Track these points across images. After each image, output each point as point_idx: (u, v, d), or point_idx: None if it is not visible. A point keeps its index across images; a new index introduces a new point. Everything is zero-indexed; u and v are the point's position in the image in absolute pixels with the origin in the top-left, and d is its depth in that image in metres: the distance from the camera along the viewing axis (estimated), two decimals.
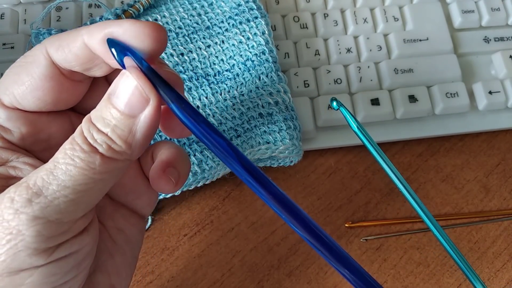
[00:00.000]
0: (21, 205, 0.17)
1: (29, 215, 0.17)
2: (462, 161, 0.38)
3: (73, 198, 0.18)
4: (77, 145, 0.18)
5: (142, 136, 0.19)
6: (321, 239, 0.19)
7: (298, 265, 0.34)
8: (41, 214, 0.17)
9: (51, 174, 0.18)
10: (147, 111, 0.19)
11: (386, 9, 0.40)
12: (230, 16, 0.36)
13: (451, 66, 0.39)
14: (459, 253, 0.25)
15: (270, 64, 0.34)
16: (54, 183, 0.18)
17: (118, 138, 0.19)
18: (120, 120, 0.19)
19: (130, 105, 0.19)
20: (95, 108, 0.19)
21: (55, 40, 0.20)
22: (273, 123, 0.33)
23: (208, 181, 0.34)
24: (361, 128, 0.25)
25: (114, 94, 0.19)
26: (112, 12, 0.35)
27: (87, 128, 0.19)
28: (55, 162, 0.18)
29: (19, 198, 0.17)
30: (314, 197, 0.36)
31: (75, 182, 0.18)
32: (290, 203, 0.19)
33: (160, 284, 0.33)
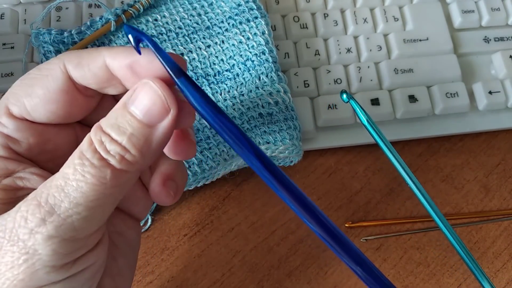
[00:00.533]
0: (36, 225, 0.17)
1: (44, 235, 0.17)
2: (462, 161, 0.38)
3: (86, 215, 0.18)
4: (87, 160, 0.18)
5: (157, 147, 0.19)
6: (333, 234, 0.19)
7: (298, 265, 0.34)
8: (56, 233, 0.17)
9: (62, 191, 0.18)
10: (166, 122, 0.19)
11: (386, 9, 0.40)
12: (230, 16, 0.36)
13: (451, 66, 0.39)
14: (468, 252, 0.24)
15: (270, 64, 0.34)
16: (66, 200, 0.18)
17: (133, 147, 0.18)
18: (137, 128, 0.18)
19: (150, 115, 0.19)
20: (107, 117, 0.19)
21: (75, 57, 0.21)
22: (273, 123, 0.33)
23: (208, 181, 0.34)
24: (371, 122, 0.25)
25: (133, 103, 0.19)
26: (112, 12, 0.35)
27: (98, 138, 0.18)
28: (65, 178, 0.18)
29: (32, 217, 0.17)
30: (314, 197, 0.36)
31: (87, 199, 0.18)
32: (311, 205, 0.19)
33: (160, 284, 0.33)
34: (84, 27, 0.35)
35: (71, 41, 0.35)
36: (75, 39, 0.35)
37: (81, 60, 0.21)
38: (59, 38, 0.35)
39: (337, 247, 0.19)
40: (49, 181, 0.18)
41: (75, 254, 0.19)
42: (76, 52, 0.21)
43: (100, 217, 0.19)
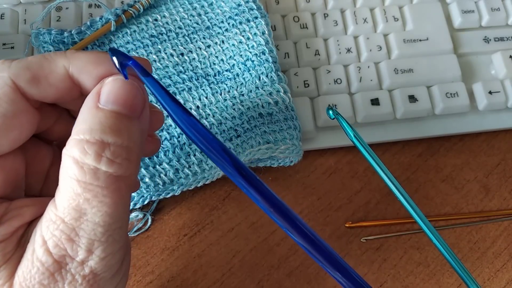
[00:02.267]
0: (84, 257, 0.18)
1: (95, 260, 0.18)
2: (462, 161, 0.38)
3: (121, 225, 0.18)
4: (96, 187, 0.17)
5: (145, 136, 0.19)
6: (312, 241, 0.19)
7: (298, 265, 0.34)
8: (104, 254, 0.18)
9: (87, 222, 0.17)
10: (147, 109, 0.19)
11: (386, 9, 0.40)
12: (230, 16, 0.36)
13: (451, 66, 0.39)
14: (454, 255, 0.25)
15: (270, 64, 0.34)
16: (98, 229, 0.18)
17: (135, 144, 0.18)
18: (130, 124, 0.18)
19: (135, 108, 0.18)
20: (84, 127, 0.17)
21: (23, 72, 0.18)
22: (273, 123, 0.33)
23: (208, 181, 0.34)
24: (358, 137, 0.25)
25: (112, 102, 0.18)
26: (112, 12, 0.35)
27: (94, 152, 0.17)
28: (81, 211, 0.17)
29: (73, 252, 0.18)
30: (314, 197, 0.36)
31: (114, 215, 0.18)
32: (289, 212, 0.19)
33: (160, 284, 0.33)
34: (84, 27, 0.35)
35: (71, 41, 0.35)
36: (75, 39, 0.35)
37: (34, 75, 0.18)
38: (59, 38, 0.35)
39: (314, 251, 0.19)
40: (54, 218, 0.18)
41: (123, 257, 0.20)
42: (21, 65, 0.18)
43: (127, 215, 0.19)
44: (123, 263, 0.20)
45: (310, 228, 0.19)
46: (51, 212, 0.18)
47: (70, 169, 0.17)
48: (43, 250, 0.18)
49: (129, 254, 0.21)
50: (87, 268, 0.18)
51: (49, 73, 0.18)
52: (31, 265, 0.18)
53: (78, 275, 0.18)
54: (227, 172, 0.19)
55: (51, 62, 0.18)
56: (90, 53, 0.19)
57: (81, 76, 0.19)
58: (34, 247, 0.18)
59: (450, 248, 0.25)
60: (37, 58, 0.19)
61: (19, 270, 0.18)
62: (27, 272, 0.18)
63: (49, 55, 0.19)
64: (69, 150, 0.17)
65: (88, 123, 0.17)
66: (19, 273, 0.18)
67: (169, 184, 0.32)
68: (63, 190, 0.17)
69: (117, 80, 0.18)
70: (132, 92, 0.18)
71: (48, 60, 0.18)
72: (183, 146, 0.33)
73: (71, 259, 0.18)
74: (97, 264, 0.18)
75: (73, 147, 0.17)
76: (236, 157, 0.19)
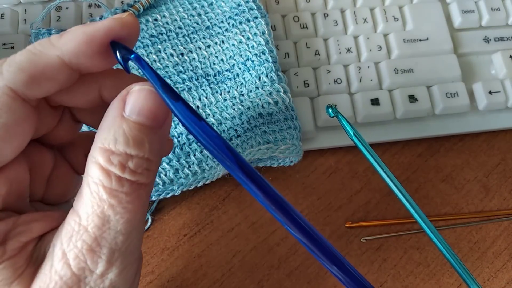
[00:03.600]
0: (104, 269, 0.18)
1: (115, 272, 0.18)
2: (462, 161, 0.38)
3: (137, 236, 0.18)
4: (120, 193, 0.17)
5: (165, 143, 0.19)
6: (315, 240, 0.19)
7: (298, 265, 0.34)
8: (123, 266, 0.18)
9: (109, 230, 0.17)
10: (169, 118, 0.19)
11: (386, 9, 0.40)
12: (230, 16, 0.36)
13: (451, 66, 0.39)
14: (455, 255, 0.25)
15: (270, 64, 0.34)
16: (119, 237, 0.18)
17: (155, 155, 0.18)
18: (151, 136, 0.18)
19: (158, 118, 0.18)
20: (108, 135, 0.17)
21: (18, 74, 0.17)
22: (273, 123, 0.33)
23: (208, 181, 0.34)
24: (358, 135, 0.25)
25: (135, 111, 0.18)
26: (112, 12, 0.35)
27: (117, 162, 0.17)
28: (105, 219, 0.17)
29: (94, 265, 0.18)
30: (314, 197, 0.36)
31: (134, 224, 0.18)
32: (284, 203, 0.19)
33: (160, 284, 0.33)
34: None
35: None
36: None
37: (30, 74, 0.18)
38: None
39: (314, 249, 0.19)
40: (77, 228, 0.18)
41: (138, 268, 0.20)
42: (12, 68, 0.18)
43: (143, 224, 0.19)
44: (136, 275, 0.20)
45: (311, 224, 0.19)
46: (73, 222, 0.18)
47: (95, 175, 0.17)
48: (62, 264, 0.17)
49: (140, 268, 0.21)
50: (106, 281, 0.18)
51: (44, 68, 0.18)
52: (48, 280, 0.17)
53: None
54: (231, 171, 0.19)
55: (41, 57, 0.18)
56: (76, 32, 0.18)
57: (79, 60, 0.18)
58: (52, 262, 0.18)
59: (450, 248, 0.25)
60: (25, 55, 0.18)
61: (35, 285, 0.18)
62: (44, 286, 0.17)
63: (35, 48, 0.18)
64: (95, 156, 0.17)
65: (113, 133, 0.17)
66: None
67: (169, 184, 0.32)
68: (87, 196, 0.17)
69: (143, 90, 0.18)
70: (157, 104, 0.18)
71: (37, 55, 0.18)
72: (183, 146, 0.33)
73: (91, 272, 0.17)
74: (117, 276, 0.18)
75: (99, 155, 0.17)
76: (238, 153, 0.19)
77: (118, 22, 0.18)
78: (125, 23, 0.18)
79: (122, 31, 0.18)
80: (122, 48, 0.18)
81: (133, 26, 0.19)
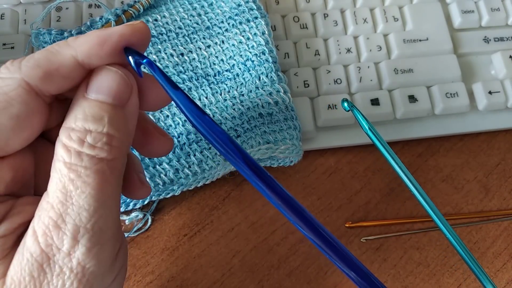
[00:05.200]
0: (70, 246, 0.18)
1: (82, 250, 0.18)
2: (462, 161, 0.38)
3: (104, 213, 0.18)
4: (78, 166, 0.18)
5: (132, 125, 0.20)
6: (325, 238, 0.19)
7: (298, 265, 0.34)
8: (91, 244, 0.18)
9: (73, 206, 0.18)
10: (134, 97, 0.19)
11: (386, 9, 0.40)
12: (230, 16, 0.36)
13: (451, 66, 0.39)
14: (469, 253, 0.24)
15: (270, 64, 0.34)
16: (83, 213, 0.18)
17: (116, 131, 0.18)
18: (112, 112, 0.19)
19: (119, 96, 0.19)
20: (71, 116, 0.18)
21: (34, 70, 0.18)
22: (273, 123, 0.33)
23: (208, 181, 0.34)
24: (373, 130, 0.25)
25: (96, 90, 0.19)
26: (112, 12, 0.35)
27: (76, 138, 0.18)
28: (66, 193, 0.18)
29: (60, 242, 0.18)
30: (314, 197, 0.36)
31: (99, 199, 0.18)
32: (293, 201, 0.19)
33: (160, 284, 0.33)
34: (84, 27, 0.35)
35: None
36: None
37: (46, 71, 0.19)
38: (59, 38, 0.35)
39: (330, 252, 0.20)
40: (45, 206, 0.18)
41: (115, 252, 0.19)
42: (30, 64, 0.19)
43: (115, 206, 0.19)
44: (116, 259, 0.20)
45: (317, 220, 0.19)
46: (44, 200, 0.18)
47: (58, 153, 0.18)
48: (32, 240, 0.18)
49: (124, 253, 0.21)
50: (74, 260, 0.18)
51: (59, 66, 0.19)
52: (21, 257, 0.18)
53: (65, 267, 0.18)
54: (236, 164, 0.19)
55: (58, 55, 0.19)
56: (91, 35, 0.19)
57: (91, 61, 0.19)
58: (25, 239, 0.18)
59: (467, 248, 0.24)
60: (43, 53, 0.19)
61: (12, 264, 0.18)
62: (17, 264, 0.18)
63: (52, 47, 0.19)
64: (59, 136, 0.19)
65: (74, 112, 0.18)
66: (10, 268, 0.18)
67: (169, 184, 0.32)
68: (53, 174, 0.18)
69: (102, 69, 0.19)
70: (116, 81, 0.19)
71: (54, 53, 0.19)
72: (183, 146, 0.33)
73: (58, 249, 0.18)
74: (84, 255, 0.18)
75: (61, 134, 0.18)
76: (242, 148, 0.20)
77: (130, 28, 0.19)
78: (137, 29, 0.20)
79: (133, 37, 0.19)
80: (135, 53, 0.19)
81: (144, 32, 0.20)
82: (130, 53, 0.19)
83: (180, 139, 0.33)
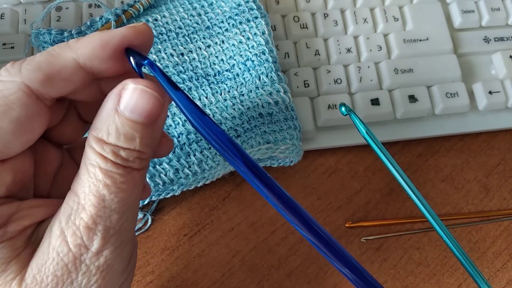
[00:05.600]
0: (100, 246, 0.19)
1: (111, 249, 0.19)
2: (462, 161, 0.38)
3: (130, 216, 0.19)
4: (115, 174, 0.18)
5: (158, 137, 0.20)
6: (320, 236, 0.20)
7: (298, 265, 0.34)
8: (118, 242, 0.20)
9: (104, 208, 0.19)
10: (163, 115, 0.20)
11: (386, 9, 0.40)
12: (230, 16, 0.36)
13: (451, 66, 0.39)
14: (463, 252, 0.24)
15: (270, 64, 0.34)
16: (114, 215, 0.19)
17: (146, 148, 0.19)
18: (144, 132, 0.19)
19: (150, 116, 0.19)
20: (103, 127, 0.19)
21: (34, 74, 0.18)
22: (273, 123, 0.33)
23: (208, 181, 0.34)
24: (370, 134, 0.25)
25: (129, 108, 0.19)
26: (112, 12, 0.35)
27: (111, 151, 0.18)
28: (100, 197, 0.18)
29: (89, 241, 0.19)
30: (314, 197, 0.36)
31: (127, 202, 0.19)
32: (292, 202, 0.20)
33: (160, 284, 0.33)
34: (84, 27, 0.35)
35: None
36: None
37: (46, 74, 0.19)
38: (59, 38, 0.35)
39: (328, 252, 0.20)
40: (75, 207, 0.19)
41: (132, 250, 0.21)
42: (30, 67, 0.19)
43: (137, 206, 0.21)
44: (131, 259, 0.21)
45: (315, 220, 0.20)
46: (72, 202, 0.19)
47: (93, 158, 0.19)
48: (60, 241, 0.18)
49: (135, 252, 0.22)
50: (102, 258, 0.19)
51: (60, 69, 0.19)
52: (46, 257, 0.18)
53: (92, 265, 0.19)
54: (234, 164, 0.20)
55: (59, 58, 0.19)
56: (92, 37, 0.19)
57: (93, 63, 0.19)
58: (50, 239, 0.19)
59: (461, 247, 0.25)
60: (44, 56, 0.19)
61: (33, 263, 0.19)
62: (41, 264, 0.18)
63: (53, 50, 0.19)
64: (90, 142, 0.19)
65: (106, 126, 0.19)
66: (32, 266, 0.18)
67: (169, 184, 0.32)
68: (84, 177, 0.19)
69: (137, 88, 0.19)
70: (151, 103, 0.19)
71: (55, 56, 0.19)
72: (183, 146, 0.33)
73: (86, 249, 0.18)
74: (112, 254, 0.19)
75: (93, 143, 0.19)
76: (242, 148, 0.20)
77: (132, 30, 0.19)
78: (140, 31, 0.20)
79: (136, 39, 0.20)
80: (136, 54, 0.19)
81: (146, 34, 0.20)
82: (131, 53, 0.19)
83: (180, 139, 0.33)
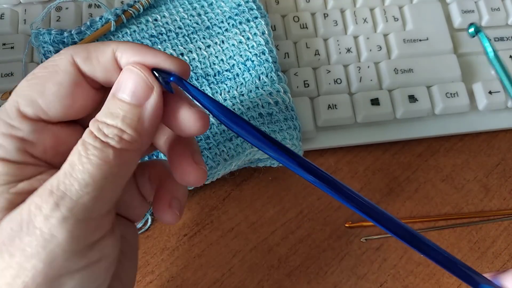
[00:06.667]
0: (50, 210, 0.18)
1: (58, 218, 0.18)
2: (462, 161, 0.38)
3: (96, 195, 0.19)
4: (89, 145, 0.19)
5: (150, 124, 0.21)
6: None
7: (298, 265, 0.34)
8: (70, 215, 0.18)
9: (70, 176, 0.19)
10: (153, 99, 0.21)
11: (386, 9, 0.40)
12: (230, 16, 0.36)
13: (451, 66, 0.39)
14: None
15: (270, 64, 0.34)
16: (75, 183, 0.19)
17: (128, 127, 0.20)
18: (128, 110, 0.20)
19: (136, 95, 0.20)
20: (101, 110, 0.21)
21: (82, 51, 0.21)
22: (273, 123, 0.33)
23: (208, 181, 0.34)
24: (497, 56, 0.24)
25: (119, 89, 0.21)
26: (112, 12, 0.35)
27: (96, 127, 0.20)
28: (72, 165, 0.19)
29: (46, 204, 0.18)
30: (314, 197, 0.36)
31: (95, 179, 0.19)
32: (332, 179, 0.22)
33: (160, 284, 0.33)
34: (84, 27, 0.35)
35: (71, 41, 0.35)
36: (75, 39, 0.35)
37: (89, 54, 0.21)
38: (59, 38, 0.35)
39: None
40: (58, 172, 0.19)
41: (91, 237, 0.19)
42: (82, 46, 0.22)
43: (109, 197, 0.20)
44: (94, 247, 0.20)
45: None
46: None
47: (84, 133, 0.20)
48: (29, 199, 0.19)
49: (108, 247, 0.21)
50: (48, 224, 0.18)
51: (100, 54, 0.21)
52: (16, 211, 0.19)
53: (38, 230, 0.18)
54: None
55: (104, 45, 0.21)
56: (134, 43, 0.22)
57: (122, 60, 0.21)
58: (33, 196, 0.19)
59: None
60: (95, 43, 0.22)
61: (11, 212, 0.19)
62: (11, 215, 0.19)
63: (107, 42, 0.22)
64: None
65: (103, 107, 0.21)
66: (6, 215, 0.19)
67: None
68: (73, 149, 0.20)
69: (125, 68, 0.21)
70: (135, 81, 0.20)
71: (103, 43, 0.21)
72: None
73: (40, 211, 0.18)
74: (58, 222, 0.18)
75: (91, 121, 0.20)
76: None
77: (178, 64, 0.21)
78: (183, 68, 0.22)
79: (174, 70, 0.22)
80: (162, 72, 0.21)
81: (187, 74, 0.22)
82: (158, 72, 0.21)
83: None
